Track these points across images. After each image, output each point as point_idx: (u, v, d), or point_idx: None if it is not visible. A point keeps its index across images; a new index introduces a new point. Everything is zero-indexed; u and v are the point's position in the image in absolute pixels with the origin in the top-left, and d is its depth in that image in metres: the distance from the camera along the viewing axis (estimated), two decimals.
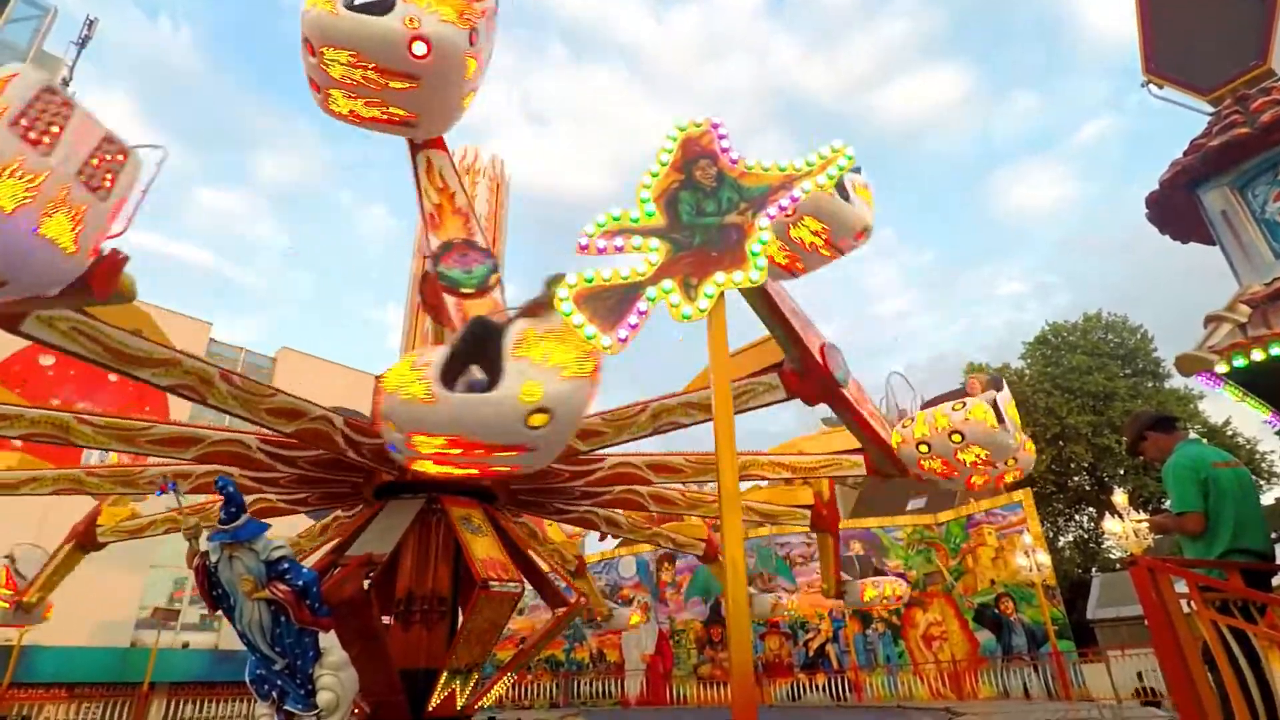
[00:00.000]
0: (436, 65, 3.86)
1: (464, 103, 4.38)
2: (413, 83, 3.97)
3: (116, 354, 5.33)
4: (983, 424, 5.59)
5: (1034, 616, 17.70)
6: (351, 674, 5.30)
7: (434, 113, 4.29)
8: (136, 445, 6.85)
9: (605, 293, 3.39)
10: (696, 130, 3.90)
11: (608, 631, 23.66)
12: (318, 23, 3.85)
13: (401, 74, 3.93)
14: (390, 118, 4.31)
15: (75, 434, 6.57)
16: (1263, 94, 5.35)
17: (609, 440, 7.41)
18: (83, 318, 5.06)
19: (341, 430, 6.95)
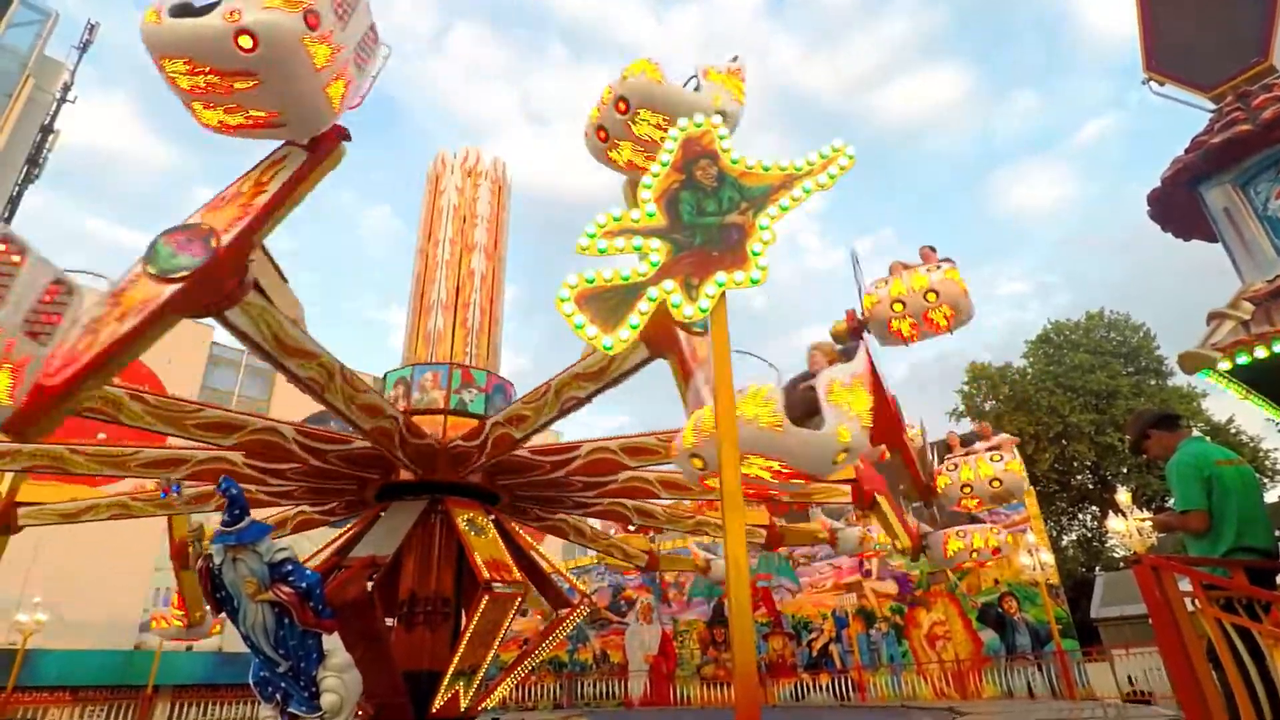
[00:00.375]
0: (268, 55, 3.72)
1: (329, 92, 4.15)
2: (252, 80, 3.85)
3: (281, 343, 5.63)
4: (958, 285, 5.73)
5: (1038, 615, 17.67)
6: (355, 676, 5.29)
7: (295, 108, 4.12)
8: (183, 429, 6.93)
9: (606, 293, 3.39)
10: (697, 130, 3.90)
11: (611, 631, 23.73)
12: (147, 36, 3.83)
13: (237, 72, 3.82)
14: (255, 121, 4.21)
15: (127, 412, 6.68)
16: (1264, 90, 5.34)
17: (533, 424, 7.41)
18: (268, 305, 5.30)
19: (401, 430, 7.20)
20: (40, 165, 20.83)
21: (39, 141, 20.59)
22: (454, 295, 9.30)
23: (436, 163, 10.37)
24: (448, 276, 9.37)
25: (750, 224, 3.59)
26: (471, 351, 9.04)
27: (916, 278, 5.95)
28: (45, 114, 20.81)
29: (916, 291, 5.84)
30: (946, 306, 5.79)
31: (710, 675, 21.68)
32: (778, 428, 3.77)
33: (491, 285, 9.71)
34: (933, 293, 5.79)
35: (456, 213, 9.79)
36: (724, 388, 3.36)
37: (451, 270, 9.43)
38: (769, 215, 3.61)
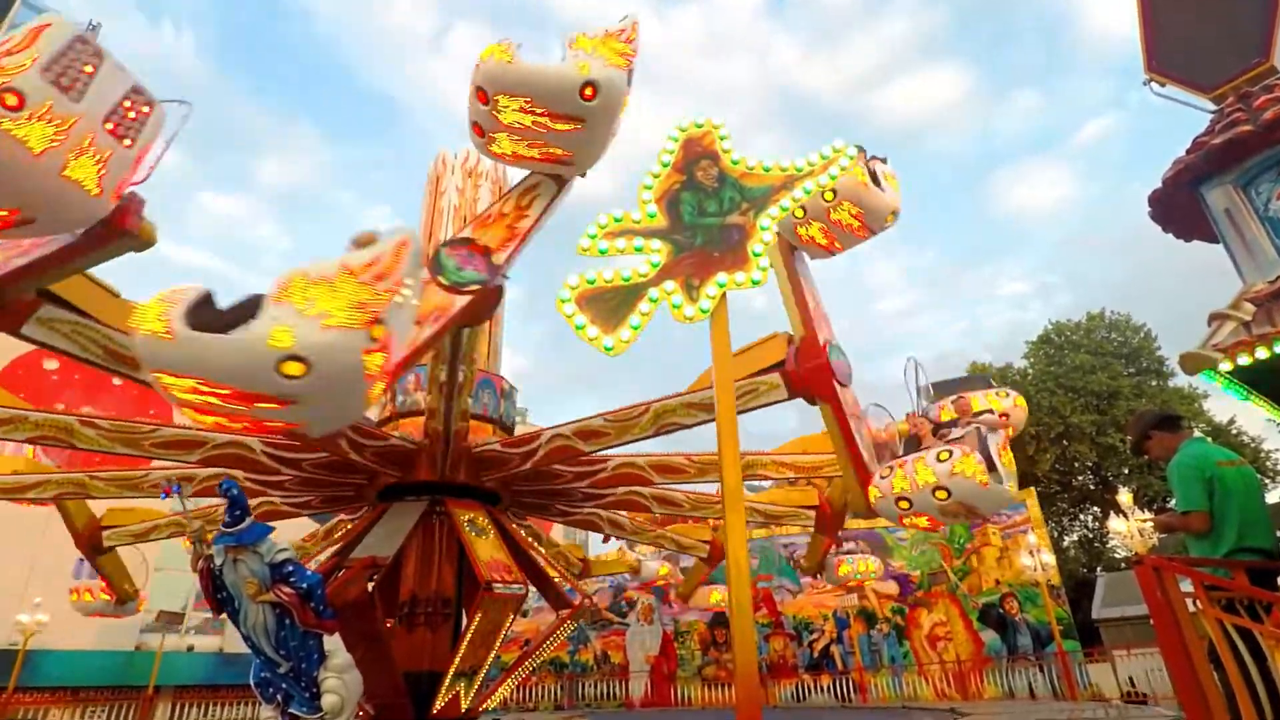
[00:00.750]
0: (601, 107, 3.99)
1: (612, 141, 4.48)
2: (578, 125, 4.10)
3: (115, 355, 5.27)
4: (971, 479, 4.68)
5: (1039, 616, 17.65)
6: (356, 676, 5.29)
7: (589, 151, 4.36)
8: (141, 449, 6.88)
9: (607, 294, 3.39)
10: (698, 131, 3.90)
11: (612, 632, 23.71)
12: (495, 72, 4.07)
13: (569, 117, 4.08)
14: (549, 157, 4.41)
15: (79, 437, 6.61)
16: (1265, 91, 5.33)
17: (611, 441, 7.46)
18: (83, 319, 5.05)
19: (344, 433, 7.01)
20: None
21: None
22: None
23: (437, 163, 10.37)
24: None
25: (751, 225, 3.60)
26: None
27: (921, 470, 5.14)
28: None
29: (923, 488, 5.03)
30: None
31: (711, 676, 21.66)
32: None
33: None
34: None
35: (457, 213, 9.80)
36: (724, 389, 3.36)
37: None
38: (770, 216, 3.61)
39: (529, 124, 4.15)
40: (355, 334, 3.05)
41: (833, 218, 5.14)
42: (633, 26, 4.62)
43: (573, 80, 4.02)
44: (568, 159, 4.44)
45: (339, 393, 3.27)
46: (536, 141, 4.26)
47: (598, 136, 4.28)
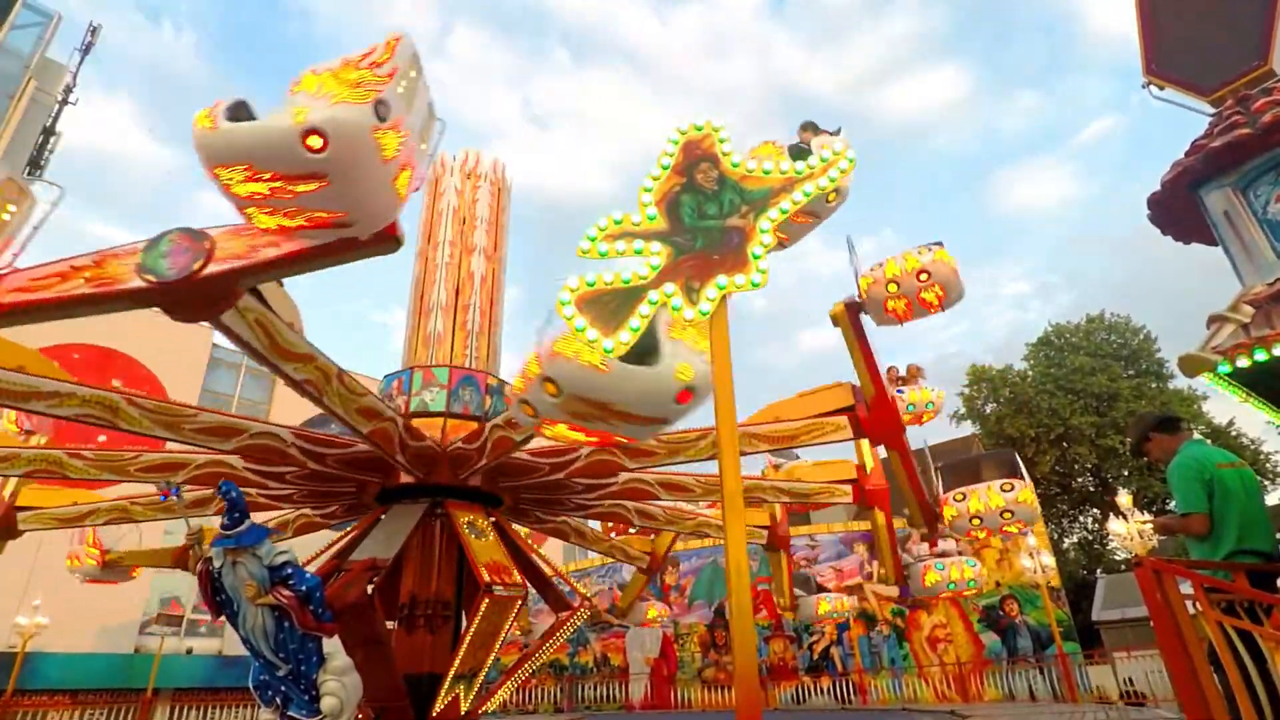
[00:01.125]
0: (339, 154, 3.38)
1: (397, 184, 3.76)
2: (319, 181, 3.50)
3: (278, 347, 5.52)
4: (948, 265, 5.99)
5: (1039, 618, 17.65)
6: (355, 679, 5.29)
7: (364, 206, 3.74)
8: (181, 433, 6.93)
9: (607, 296, 3.39)
10: (698, 133, 3.90)
11: (611, 635, 23.70)
12: (200, 142, 3.51)
13: (303, 175, 3.47)
14: (318, 221, 3.82)
15: (124, 416, 6.65)
16: (1264, 94, 5.34)
17: (660, 460, 7.74)
18: (265, 309, 5.21)
19: (400, 433, 7.18)
20: (42, 167, 20.86)
21: (40, 143, 20.61)
22: (453, 297, 9.30)
23: (436, 165, 10.37)
24: (447, 279, 9.37)
25: (751, 227, 3.60)
26: (471, 354, 9.03)
27: (909, 259, 6.25)
28: (47, 116, 20.84)
29: (909, 272, 6.13)
30: (938, 286, 6.08)
31: (711, 678, 21.64)
32: (600, 366, 3.42)
33: (491, 287, 9.71)
34: (925, 273, 6.08)
35: (456, 215, 9.80)
36: (724, 391, 3.36)
37: (451, 272, 9.43)
38: (770, 218, 3.61)
39: (266, 192, 3.60)
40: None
41: (923, 296, 6.01)
42: (387, 45, 3.82)
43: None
44: (342, 219, 3.80)
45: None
46: (289, 209, 3.72)
47: (358, 188, 3.62)
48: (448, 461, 7.79)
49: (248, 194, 3.62)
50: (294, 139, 3.36)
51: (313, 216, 3.76)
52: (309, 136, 3.35)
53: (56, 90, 21.33)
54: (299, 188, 3.53)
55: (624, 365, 3.39)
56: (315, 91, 3.48)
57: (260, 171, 3.51)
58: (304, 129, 3.34)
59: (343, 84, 3.49)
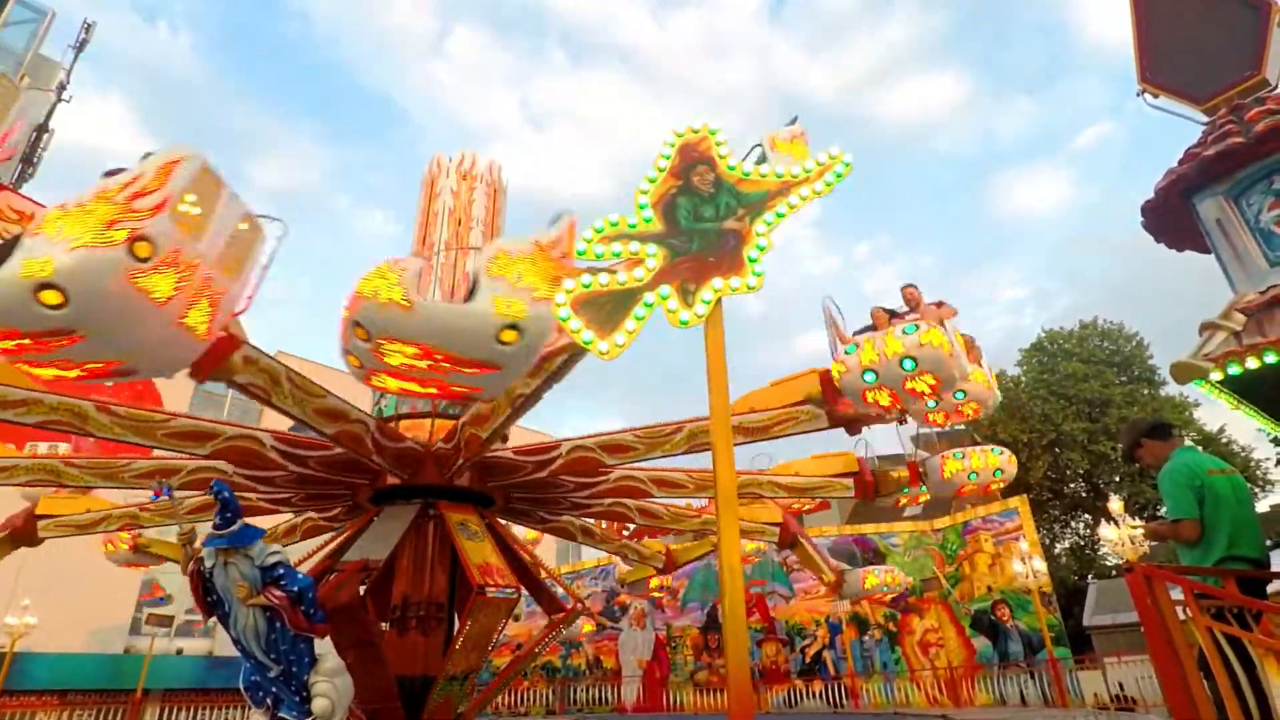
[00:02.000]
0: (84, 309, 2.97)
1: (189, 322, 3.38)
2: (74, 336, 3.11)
3: None
4: (938, 349, 4.96)
5: (1030, 623, 17.69)
6: (347, 680, 5.27)
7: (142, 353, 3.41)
8: (153, 439, 6.92)
9: (603, 298, 3.40)
10: (694, 136, 3.91)
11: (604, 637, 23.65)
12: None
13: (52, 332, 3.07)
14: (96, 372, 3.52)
15: (93, 423, 6.63)
16: (1257, 104, 5.39)
17: (639, 455, 7.63)
18: None
19: (372, 434, 7.13)
20: (35, 164, 20.77)
21: (33, 141, 20.52)
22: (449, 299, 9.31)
23: (432, 166, 10.38)
24: (443, 280, 9.37)
25: (747, 230, 3.60)
26: None
27: (890, 340, 5.25)
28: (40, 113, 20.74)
29: (890, 358, 5.11)
30: (929, 375, 5.10)
31: (704, 681, 21.61)
32: (404, 303, 3.26)
33: None
34: (909, 359, 5.02)
35: (452, 216, 9.79)
36: (719, 394, 3.36)
37: (446, 274, 9.43)
38: (766, 221, 3.62)
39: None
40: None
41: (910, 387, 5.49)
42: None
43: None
44: (122, 367, 3.55)
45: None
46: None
47: (128, 338, 3.31)
48: (434, 462, 7.78)
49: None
50: (26, 296, 2.90)
51: (88, 368, 3.38)
52: (41, 292, 2.91)
53: (50, 87, 21.23)
54: (56, 343, 3.12)
55: (430, 302, 3.27)
56: (54, 234, 3.00)
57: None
58: (35, 285, 2.89)
59: (90, 223, 2.99)
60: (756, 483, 9.43)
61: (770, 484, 9.53)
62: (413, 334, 3.28)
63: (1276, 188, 5.18)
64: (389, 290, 3.23)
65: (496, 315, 3.22)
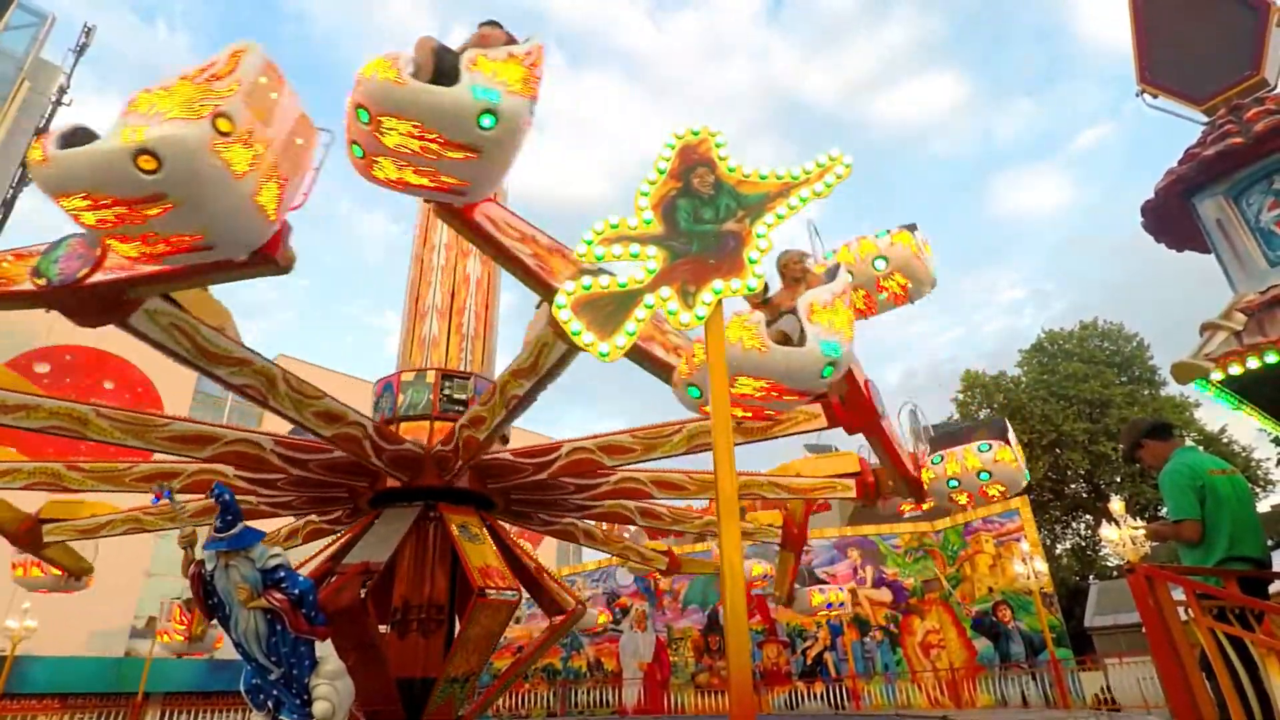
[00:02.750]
0: (175, 174, 3.35)
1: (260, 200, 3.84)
2: (164, 204, 3.47)
3: (203, 351, 5.53)
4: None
5: (1031, 624, 17.68)
6: (348, 683, 5.27)
7: (221, 226, 3.75)
8: (151, 441, 6.94)
9: (603, 300, 3.40)
10: (694, 138, 3.91)
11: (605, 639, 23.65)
12: (37, 178, 3.53)
13: (145, 199, 3.44)
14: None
15: (93, 427, 6.70)
16: (1256, 104, 5.39)
17: (637, 457, 7.63)
18: (180, 313, 5.22)
19: (370, 436, 7.11)
20: None
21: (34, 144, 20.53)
22: (449, 300, 9.31)
23: None
24: (443, 282, 9.38)
25: (747, 231, 3.60)
26: (466, 357, 9.03)
27: (864, 244, 5.60)
28: (40, 116, 20.76)
29: (864, 259, 5.49)
30: (899, 274, 5.46)
31: (705, 683, 21.59)
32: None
33: (487, 291, 9.72)
34: (882, 258, 5.44)
35: None
36: (720, 395, 3.36)
37: (447, 275, 9.44)
38: (766, 223, 3.62)
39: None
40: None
41: (883, 285, 5.51)
42: (537, 50, 4.17)
43: (469, 107, 3.71)
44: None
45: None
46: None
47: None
48: (433, 464, 7.78)
49: (98, 222, 3.53)
50: (125, 161, 3.25)
51: (171, 240, 3.67)
52: (140, 158, 3.25)
53: (50, 91, 21.26)
54: (147, 211, 3.44)
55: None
56: (147, 111, 3.38)
57: (100, 198, 3.40)
58: (134, 150, 3.24)
59: (176, 101, 3.39)
60: (756, 483, 9.34)
61: (770, 485, 9.46)
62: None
63: (1276, 187, 5.18)
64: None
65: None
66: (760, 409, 4.52)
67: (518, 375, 6.51)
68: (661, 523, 10.75)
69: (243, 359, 5.87)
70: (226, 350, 5.72)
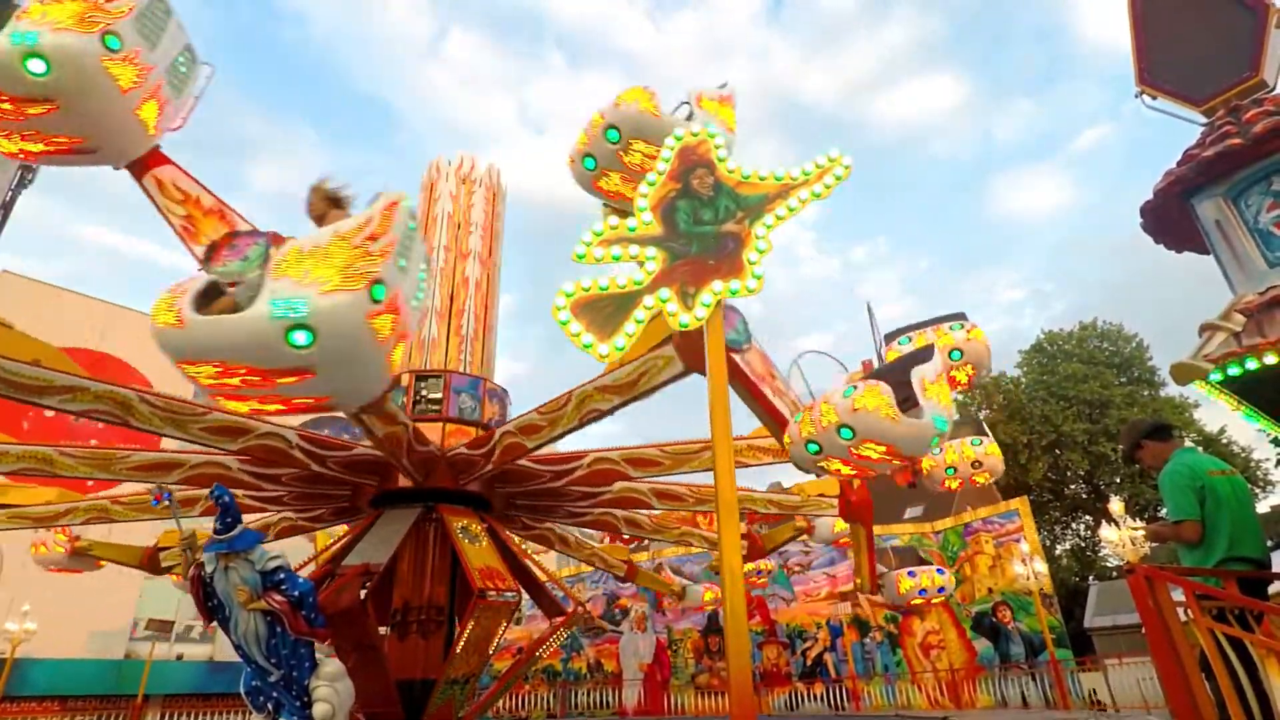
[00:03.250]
0: (63, 79, 3.48)
1: (142, 115, 3.94)
2: (49, 105, 3.60)
3: (13, 384, 5.50)
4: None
5: (1031, 625, 17.67)
6: (348, 685, 5.26)
7: (104, 132, 3.90)
8: (116, 472, 6.93)
9: (602, 301, 3.40)
10: (694, 140, 3.92)
11: (605, 640, 23.63)
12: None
13: (30, 98, 3.57)
14: (59, 147, 3.96)
15: (60, 466, 6.84)
16: (1255, 105, 5.39)
17: (664, 470, 7.82)
18: None
19: (299, 445, 7.02)
20: (34, 170, 20.75)
21: None
22: (448, 303, 9.31)
23: (431, 170, 10.39)
24: (442, 284, 9.38)
25: (746, 233, 3.61)
26: (466, 359, 9.03)
27: (942, 336, 6.37)
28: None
29: (941, 349, 5.80)
30: (970, 365, 6.28)
31: (705, 684, 21.58)
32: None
33: (486, 293, 9.72)
34: (958, 351, 6.26)
35: (451, 220, 9.80)
36: (719, 395, 3.37)
37: (446, 278, 9.44)
38: (765, 224, 3.63)
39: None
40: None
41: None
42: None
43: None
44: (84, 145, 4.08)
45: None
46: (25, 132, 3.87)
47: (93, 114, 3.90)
48: (447, 466, 7.78)
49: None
50: (15, 59, 3.45)
51: (52, 140, 3.90)
52: (29, 59, 3.45)
53: None
54: (29, 110, 3.65)
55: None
56: (38, 19, 3.58)
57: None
58: (24, 51, 3.44)
59: (68, 13, 3.60)
60: (750, 499, 9.54)
61: (764, 500, 9.71)
62: (195, 352, 3.26)
63: (1275, 188, 5.18)
64: (164, 314, 3.23)
65: (272, 319, 3.10)
66: (866, 469, 4.82)
67: (607, 391, 6.47)
68: (643, 531, 10.91)
69: (72, 387, 5.82)
70: (46, 380, 5.68)
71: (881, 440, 4.25)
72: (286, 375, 3.30)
